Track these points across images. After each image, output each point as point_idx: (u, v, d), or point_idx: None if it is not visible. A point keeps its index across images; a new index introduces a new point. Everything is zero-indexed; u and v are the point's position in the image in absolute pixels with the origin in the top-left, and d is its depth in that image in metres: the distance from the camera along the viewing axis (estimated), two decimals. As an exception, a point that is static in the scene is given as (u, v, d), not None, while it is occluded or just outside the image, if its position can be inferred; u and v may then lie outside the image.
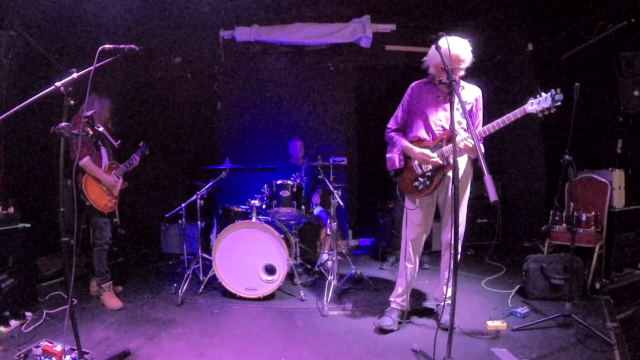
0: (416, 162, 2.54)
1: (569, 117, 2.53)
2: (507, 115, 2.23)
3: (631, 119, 3.56)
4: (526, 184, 4.96)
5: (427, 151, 2.46)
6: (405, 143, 2.58)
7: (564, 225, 3.41)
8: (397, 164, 2.58)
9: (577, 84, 2.41)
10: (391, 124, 2.72)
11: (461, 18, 4.90)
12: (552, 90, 2.08)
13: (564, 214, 3.45)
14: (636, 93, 3.43)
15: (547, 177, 4.72)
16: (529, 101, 2.18)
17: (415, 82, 2.65)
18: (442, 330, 2.13)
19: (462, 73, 2.38)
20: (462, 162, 2.54)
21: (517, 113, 2.21)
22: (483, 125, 2.41)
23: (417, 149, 2.50)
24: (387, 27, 5.07)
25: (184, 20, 4.82)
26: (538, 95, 2.14)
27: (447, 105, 2.33)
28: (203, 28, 5.07)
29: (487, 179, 1.56)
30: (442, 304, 2.60)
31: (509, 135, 5.01)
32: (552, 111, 2.10)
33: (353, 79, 5.49)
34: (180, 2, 4.39)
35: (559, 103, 2.08)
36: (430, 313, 2.84)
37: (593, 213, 3.29)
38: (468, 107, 2.44)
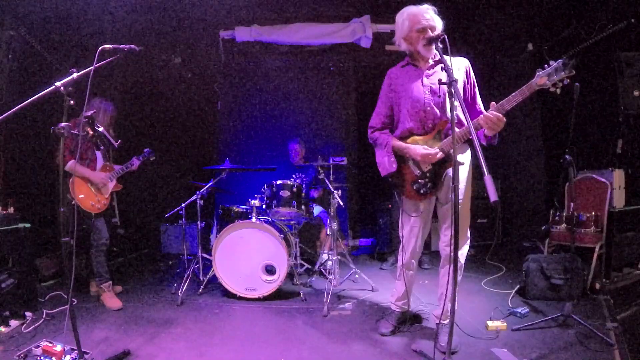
0: (411, 161, 2.29)
1: (569, 117, 2.53)
2: (512, 94, 1.94)
3: (631, 119, 3.56)
4: (526, 184, 4.96)
5: (423, 147, 2.21)
6: (396, 142, 2.30)
7: (564, 225, 3.41)
8: (389, 167, 2.29)
9: (577, 84, 2.38)
10: (374, 123, 2.46)
11: (461, 18, 4.90)
12: (561, 59, 1.83)
13: (564, 214, 3.45)
14: (636, 93, 3.43)
15: (547, 177, 4.73)
16: (537, 74, 1.88)
17: (391, 68, 2.41)
18: (440, 353, 2.14)
19: (440, 45, 1.94)
20: (466, 159, 2.32)
21: (524, 90, 1.91)
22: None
23: (413, 147, 2.22)
24: (387, 27, 5.05)
25: (184, 20, 4.82)
26: (546, 66, 1.86)
27: (434, 86, 2.21)
28: (203, 28, 5.06)
29: (487, 179, 1.55)
30: (439, 323, 2.37)
31: (509, 135, 5.01)
32: (565, 82, 1.82)
33: (353, 79, 5.49)
34: (180, 2, 4.39)
35: (573, 72, 1.79)
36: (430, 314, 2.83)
37: (593, 213, 3.29)
38: (460, 85, 2.17)
